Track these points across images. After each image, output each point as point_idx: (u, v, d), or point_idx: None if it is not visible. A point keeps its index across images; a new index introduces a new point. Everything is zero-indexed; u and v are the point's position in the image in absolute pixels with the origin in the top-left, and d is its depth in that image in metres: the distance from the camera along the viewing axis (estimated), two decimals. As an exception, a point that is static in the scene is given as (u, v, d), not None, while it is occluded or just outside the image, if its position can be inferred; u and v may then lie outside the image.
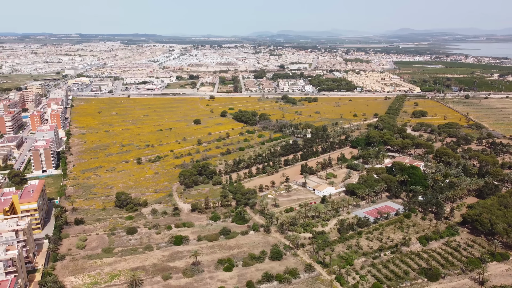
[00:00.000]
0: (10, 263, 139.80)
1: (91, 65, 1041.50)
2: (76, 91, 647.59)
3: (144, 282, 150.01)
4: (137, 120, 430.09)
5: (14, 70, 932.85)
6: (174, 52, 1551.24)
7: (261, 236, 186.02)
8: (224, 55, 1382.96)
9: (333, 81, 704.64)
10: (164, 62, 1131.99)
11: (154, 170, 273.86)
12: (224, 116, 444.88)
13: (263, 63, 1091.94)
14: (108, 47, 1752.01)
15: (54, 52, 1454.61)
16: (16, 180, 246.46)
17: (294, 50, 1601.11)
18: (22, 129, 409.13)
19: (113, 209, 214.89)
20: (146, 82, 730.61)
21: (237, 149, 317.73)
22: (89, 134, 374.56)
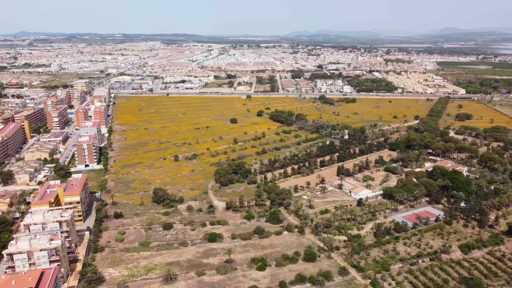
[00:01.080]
0: (54, 252, 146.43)
1: (132, 64, 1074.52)
2: (118, 89, 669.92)
3: (178, 277, 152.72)
4: (175, 118, 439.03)
5: (62, 68, 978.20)
6: (212, 51, 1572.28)
7: (295, 237, 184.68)
8: (261, 54, 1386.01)
9: (373, 82, 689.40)
10: (203, 62, 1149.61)
11: (191, 168, 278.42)
12: (261, 115, 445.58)
13: (301, 63, 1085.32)
14: (149, 47, 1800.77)
15: (99, 51, 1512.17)
16: (61, 173, 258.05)
17: (332, 50, 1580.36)
18: (68, 125, 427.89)
19: (151, 204, 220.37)
20: (185, 81, 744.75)
21: (272, 149, 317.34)
22: (129, 131, 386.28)
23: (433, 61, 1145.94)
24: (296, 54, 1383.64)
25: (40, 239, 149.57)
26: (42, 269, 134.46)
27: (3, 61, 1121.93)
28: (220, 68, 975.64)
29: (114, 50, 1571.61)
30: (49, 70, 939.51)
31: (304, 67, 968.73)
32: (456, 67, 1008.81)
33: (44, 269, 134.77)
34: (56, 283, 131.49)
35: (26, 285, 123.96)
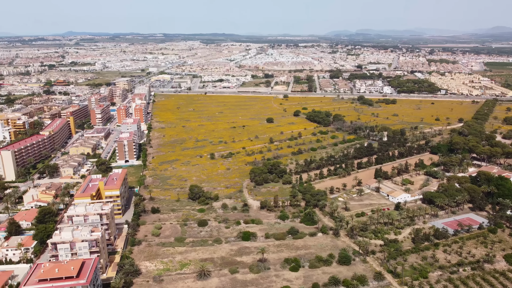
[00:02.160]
0: (94, 243, 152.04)
1: (172, 63, 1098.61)
2: (158, 87, 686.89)
3: (212, 274, 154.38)
4: (212, 117, 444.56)
5: (105, 67, 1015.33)
6: (250, 51, 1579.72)
7: (329, 239, 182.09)
8: (299, 54, 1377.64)
9: (414, 83, 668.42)
10: (240, 61, 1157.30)
11: (226, 166, 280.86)
12: (297, 115, 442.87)
13: (339, 62, 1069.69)
14: (188, 46, 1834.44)
15: (140, 50, 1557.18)
16: (103, 168, 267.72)
17: (373, 49, 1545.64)
18: (110, 121, 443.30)
19: (186, 201, 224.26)
20: (222, 80, 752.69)
21: (308, 149, 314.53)
22: (167, 128, 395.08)
23: (480, 61, 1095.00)
24: (335, 54, 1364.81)
25: (82, 230, 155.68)
26: (83, 259, 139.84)
27: (52, 59, 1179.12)
28: (257, 68, 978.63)
29: (155, 49, 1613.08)
30: (93, 69, 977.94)
31: (342, 67, 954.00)
32: (505, 68, 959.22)
33: (85, 259, 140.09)
34: (95, 273, 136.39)
35: (68, 274, 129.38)
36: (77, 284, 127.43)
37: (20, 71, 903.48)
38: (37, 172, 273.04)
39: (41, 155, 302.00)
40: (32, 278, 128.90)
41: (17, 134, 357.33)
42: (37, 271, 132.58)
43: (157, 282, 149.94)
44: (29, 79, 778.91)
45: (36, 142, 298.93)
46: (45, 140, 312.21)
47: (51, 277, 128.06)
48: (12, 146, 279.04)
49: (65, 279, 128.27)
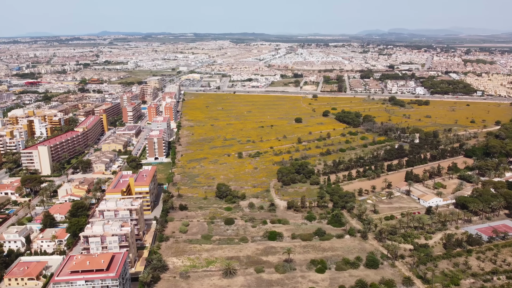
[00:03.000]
0: (124, 238, 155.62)
1: (202, 63, 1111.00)
2: (188, 86, 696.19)
3: (237, 272, 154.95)
4: (240, 116, 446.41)
5: (137, 66, 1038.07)
6: (280, 50, 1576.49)
7: (357, 242, 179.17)
8: (330, 54, 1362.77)
9: (449, 84, 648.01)
10: (270, 61, 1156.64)
11: (254, 165, 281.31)
12: (326, 115, 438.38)
13: (370, 62, 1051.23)
14: (218, 46, 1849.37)
15: (171, 50, 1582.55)
16: (133, 164, 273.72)
17: (405, 49, 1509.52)
18: (141, 119, 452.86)
19: (214, 199, 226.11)
20: (251, 79, 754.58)
21: (337, 150, 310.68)
22: (196, 127, 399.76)
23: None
24: (366, 54, 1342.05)
25: (112, 225, 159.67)
26: (113, 253, 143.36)
27: (86, 58, 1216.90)
28: (286, 67, 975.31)
29: (185, 48, 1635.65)
30: (126, 68, 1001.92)
31: (374, 67, 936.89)
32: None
33: (115, 253, 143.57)
34: (124, 267, 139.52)
35: (98, 266, 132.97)
36: (107, 277, 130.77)
37: (57, 69, 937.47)
38: (71, 167, 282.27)
39: (75, 151, 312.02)
40: (65, 270, 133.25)
41: (53, 130, 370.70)
42: (69, 262, 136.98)
43: (183, 278, 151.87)
44: (65, 77, 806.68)
45: (70, 138, 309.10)
46: (79, 136, 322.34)
47: (83, 269, 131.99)
48: (48, 142, 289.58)
49: (95, 271, 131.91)
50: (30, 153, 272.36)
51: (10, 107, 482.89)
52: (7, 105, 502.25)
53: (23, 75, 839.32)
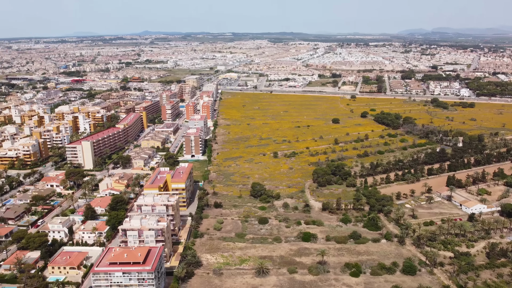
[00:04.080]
0: (160, 233, 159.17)
1: (239, 62, 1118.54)
2: (225, 85, 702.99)
3: (270, 272, 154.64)
4: (277, 116, 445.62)
5: (177, 65, 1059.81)
6: (318, 50, 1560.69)
7: (393, 247, 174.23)
8: (369, 53, 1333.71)
9: (497, 85, 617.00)
10: (308, 60, 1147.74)
11: (289, 165, 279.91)
12: (365, 117, 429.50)
13: (412, 63, 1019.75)
14: (256, 45, 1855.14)
15: (210, 49, 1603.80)
16: (170, 161, 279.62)
17: (450, 49, 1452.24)
18: (179, 117, 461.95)
19: (248, 197, 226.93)
20: (289, 79, 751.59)
21: (375, 152, 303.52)
22: (232, 125, 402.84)
23: None
24: (407, 54, 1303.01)
25: (149, 219, 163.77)
26: (150, 247, 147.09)
27: (128, 57, 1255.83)
28: (325, 67, 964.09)
29: (223, 48, 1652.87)
30: (165, 66, 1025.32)
31: (416, 68, 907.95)
32: None
33: (151, 247, 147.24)
34: (160, 261, 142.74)
35: (135, 259, 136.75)
36: (143, 270, 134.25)
37: (101, 68, 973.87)
38: (112, 162, 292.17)
39: (116, 147, 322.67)
40: (104, 261, 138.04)
41: (96, 126, 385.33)
42: (108, 254, 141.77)
43: (217, 275, 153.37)
44: (108, 76, 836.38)
45: (112, 134, 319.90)
46: (120, 132, 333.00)
47: (120, 261, 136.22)
48: (91, 137, 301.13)
49: (132, 264, 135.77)
50: (74, 147, 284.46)
51: (57, 104, 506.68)
52: (54, 102, 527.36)
53: (69, 73, 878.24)
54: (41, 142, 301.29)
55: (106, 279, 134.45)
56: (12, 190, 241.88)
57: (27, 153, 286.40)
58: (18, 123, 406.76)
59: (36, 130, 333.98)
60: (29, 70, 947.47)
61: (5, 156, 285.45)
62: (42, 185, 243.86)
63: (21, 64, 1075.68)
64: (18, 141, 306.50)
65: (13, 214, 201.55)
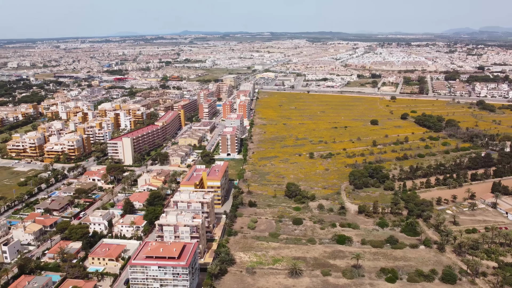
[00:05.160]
0: (195, 229, 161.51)
1: (277, 61, 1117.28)
2: (262, 84, 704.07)
3: (303, 273, 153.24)
4: (313, 116, 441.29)
5: (215, 64, 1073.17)
6: (357, 50, 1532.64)
7: (432, 253, 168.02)
8: (411, 53, 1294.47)
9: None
10: (346, 60, 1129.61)
11: (325, 166, 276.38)
12: (405, 118, 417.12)
13: (457, 63, 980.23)
14: (294, 45, 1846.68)
15: (248, 48, 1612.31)
16: (206, 159, 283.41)
17: (499, 49, 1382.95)
18: (215, 116, 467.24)
19: (283, 197, 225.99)
20: (326, 79, 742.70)
21: (415, 155, 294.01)
22: (269, 125, 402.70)
23: None
24: (452, 54, 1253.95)
25: (185, 215, 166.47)
26: (185, 243, 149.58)
27: (168, 57, 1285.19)
28: (364, 67, 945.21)
29: (261, 47, 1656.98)
30: (204, 66, 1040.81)
31: (461, 68, 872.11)
32: None
33: (186, 243, 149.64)
34: (194, 257, 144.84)
35: (170, 254, 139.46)
36: (178, 265, 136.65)
37: (142, 66, 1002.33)
38: (150, 159, 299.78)
39: (154, 144, 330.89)
40: (141, 254, 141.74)
41: (136, 123, 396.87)
42: (145, 248, 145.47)
43: (250, 274, 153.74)
44: (148, 74, 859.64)
45: (151, 131, 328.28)
46: (159, 130, 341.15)
47: (156, 255, 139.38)
48: (131, 134, 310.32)
49: (167, 258, 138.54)
50: (115, 143, 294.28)
51: (100, 101, 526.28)
52: (97, 99, 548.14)
53: (112, 71, 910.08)
54: (84, 138, 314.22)
55: (142, 272, 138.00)
56: (57, 182, 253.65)
57: (71, 148, 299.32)
58: (64, 119, 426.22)
59: (80, 126, 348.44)
60: (75, 68, 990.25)
61: (51, 150, 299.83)
62: (84, 178, 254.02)
63: (68, 62, 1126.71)
64: (64, 136, 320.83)
65: (57, 205, 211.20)
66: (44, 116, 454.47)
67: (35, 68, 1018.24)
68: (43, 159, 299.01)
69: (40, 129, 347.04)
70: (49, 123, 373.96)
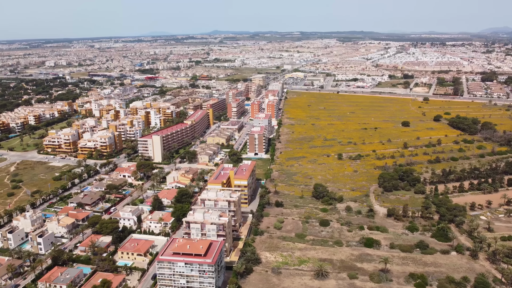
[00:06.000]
0: (221, 227, 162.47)
1: (306, 61, 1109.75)
2: (291, 84, 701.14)
3: (329, 275, 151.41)
4: (342, 116, 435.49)
5: (244, 64, 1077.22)
6: (389, 49, 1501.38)
7: (464, 260, 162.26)
8: (446, 53, 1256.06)
9: None
10: (378, 60, 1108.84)
11: (354, 168, 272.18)
12: (438, 120, 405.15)
13: (495, 64, 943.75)
14: (324, 44, 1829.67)
15: (277, 48, 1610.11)
16: (234, 158, 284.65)
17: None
18: (244, 115, 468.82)
19: (310, 198, 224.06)
20: (357, 79, 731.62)
21: (448, 158, 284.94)
22: (297, 125, 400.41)
23: None
24: (490, 54, 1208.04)
25: (212, 213, 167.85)
26: (211, 240, 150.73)
27: (198, 56, 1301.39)
28: (396, 67, 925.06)
29: (290, 47, 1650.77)
30: (233, 65, 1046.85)
31: (499, 69, 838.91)
32: None
33: (212, 241, 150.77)
34: (220, 255, 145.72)
35: (197, 251, 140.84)
36: (204, 262, 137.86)
37: (172, 66, 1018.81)
38: (179, 156, 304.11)
39: (183, 142, 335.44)
40: (168, 250, 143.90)
41: (166, 122, 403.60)
42: (172, 244, 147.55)
43: (275, 274, 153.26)
44: (178, 73, 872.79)
45: (180, 130, 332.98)
46: (188, 128, 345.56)
47: (183, 252, 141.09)
48: (161, 132, 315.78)
49: (194, 255, 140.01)
50: (146, 141, 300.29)
51: (132, 99, 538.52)
52: (129, 97, 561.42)
53: (143, 70, 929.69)
54: (116, 135, 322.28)
55: (169, 268, 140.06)
56: (89, 178, 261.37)
57: (104, 144, 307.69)
58: (97, 116, 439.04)
59: (112, 124, 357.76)
60: (108, 67, 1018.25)
61: (85, 146, 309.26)
62: (115, 175, 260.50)
63: (101, 61, 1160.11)
64: (96, 133, 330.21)
65: (89, 200, 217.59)
66: (78, 113, 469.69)
67: (71, 67, 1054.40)
68: (76, 155, 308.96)
69: (74, 126, 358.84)
70: (83, 120, 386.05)
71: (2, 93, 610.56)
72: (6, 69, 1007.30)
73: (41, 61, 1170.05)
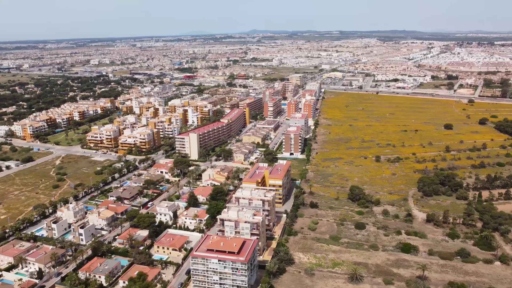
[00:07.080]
0: (255, 226, 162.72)
1: (345, 61, 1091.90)
2: (329, 84, 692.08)
3: (364, 279, 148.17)
4: (381, 118, 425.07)
5: (281, 63, 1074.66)
6: (433, 49, 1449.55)
7: (509, 271, 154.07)
8: (494, 54, 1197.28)
9: None
10: (420, 60, 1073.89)
11: (392, 171, 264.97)
12: (483, 124, 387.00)
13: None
14: (364, 44, 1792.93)
15: (315, 48, 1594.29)
16: (269, 158, 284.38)
17: None
18: (280, 114, 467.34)
19: (346, 200, 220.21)
20: (397, 80, 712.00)
21: (494, 163, 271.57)
22: (334, 126, 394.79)
23: None
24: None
25: (246, 212, 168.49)
26: (244, 239, 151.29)
27: (236, 55, 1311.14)
28: (439, 68, 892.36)
29: (329, 46, 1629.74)
30: (270, 64, 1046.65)
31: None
32: None
33: (246, 239, 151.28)
34: (253, 254, 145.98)
35: (230, 249, 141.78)
36: (237, 260, 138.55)
37: (210, 65, 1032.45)
38: (215, 154, 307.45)
39: (219, 140, 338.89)
40: (202, 246, 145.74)
41: (203, 120, 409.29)
42: (206, 241, 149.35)
43: (308, 275, 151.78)
44: (216, 72, 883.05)
45: (216, 128, 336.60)
46: (224, 127, 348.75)
47: (217, 249, 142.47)
48: (198, 130, 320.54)
49: (227, 253, 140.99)
50: (183, 138, 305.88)
51: (171, 97, 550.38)
52: (168, 95, 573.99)
53: (182, 69, 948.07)
54: (155, 132, 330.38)
55: (203, 264, 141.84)
56: (129, 173, 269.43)
57: (143, 141, 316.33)
58: (137, 113, 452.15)
59: (152, 121, 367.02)
60: (149, 66, 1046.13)
61: (125, 142, 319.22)
62: (153, 171, 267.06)
63: (142, 60, 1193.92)
64: (136, 129, 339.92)
65: (128, 194, 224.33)
66: (119, 110, 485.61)
67: (114, 65, 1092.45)
68: (117, 150, 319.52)
69: (115, 122, 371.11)
70: (123, 117, 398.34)
71: (50, 89, 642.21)
72: (54, 67, 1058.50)
73: (86, 60, 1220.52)
